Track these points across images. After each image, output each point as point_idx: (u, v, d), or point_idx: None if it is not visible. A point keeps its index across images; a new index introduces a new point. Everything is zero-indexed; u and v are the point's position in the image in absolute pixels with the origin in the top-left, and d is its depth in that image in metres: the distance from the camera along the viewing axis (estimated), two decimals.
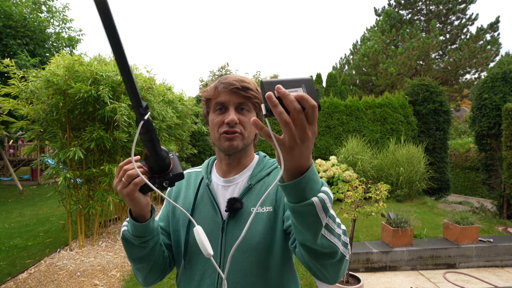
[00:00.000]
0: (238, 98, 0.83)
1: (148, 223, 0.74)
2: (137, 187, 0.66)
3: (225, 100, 0.83)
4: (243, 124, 0.84)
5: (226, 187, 0.89)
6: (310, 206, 0.54)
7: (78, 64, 3.69)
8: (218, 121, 0.84)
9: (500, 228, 4.93)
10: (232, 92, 0.82)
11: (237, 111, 0.83)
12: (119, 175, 0.67)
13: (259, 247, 0.80)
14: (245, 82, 0.83)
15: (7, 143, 11.64)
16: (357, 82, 19.20)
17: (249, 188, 0.86)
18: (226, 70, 16.13)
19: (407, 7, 19.78)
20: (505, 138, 5.38)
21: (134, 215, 0.74)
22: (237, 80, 0.83)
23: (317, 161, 7.31)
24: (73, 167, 4.01)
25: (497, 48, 16.40)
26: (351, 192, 2.94)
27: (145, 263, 0.81)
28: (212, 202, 0.86)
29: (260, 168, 0.91)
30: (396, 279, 3.60)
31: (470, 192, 10.20)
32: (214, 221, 0.84)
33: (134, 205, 0.70)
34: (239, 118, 0.83)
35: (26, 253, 4.09)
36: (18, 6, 8.45)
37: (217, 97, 0.84)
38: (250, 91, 0.83)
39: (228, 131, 0.82)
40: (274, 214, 0.83)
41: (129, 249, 0.78)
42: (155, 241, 0.79)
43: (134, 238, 0.75)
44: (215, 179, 0.92)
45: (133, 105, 0.57)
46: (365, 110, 8.65)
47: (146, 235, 0.75)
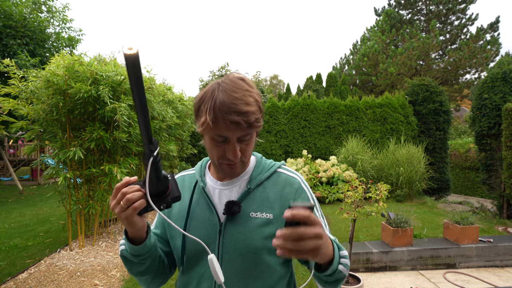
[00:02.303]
0: (241, 132, 0.74)
1: (145, 244, 0.74)
2: (135, 211, 0.65)
3: (227, 135, 0.74)
4: (244, 153, 0.79)
5: (223, 190, 0.86)
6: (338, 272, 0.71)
7: (78, 64, 3.69)
8: (218, 152, 0.78)
9: (500, 228, 4.93)
10: (235, 128, 0.73)
11: (238, 142, 0.77)
12: (117, 197, 0.66)
13: (257, 251, 0.79)
14: (250, 114, 0.72)
15: (7, 143, 11.64)
16: (357, 82, 19.20)
17: (248, 192, 0.84)
18: (226, 70, 16.12)
19: (407, 7, 19.78)
20: (505, 138, 5.38)
21: (131, 236, 0.73)
22: (242, 116, 0.71)
23: (317, 161, 7.32)
24: (73, 167, 4.01)
25: (497, 48, 16.40)
26: (351, 192, 2.94)
27: (147, 276, 0.82)
28: (209, 205, 0.84)
29: (259, 171, 0.89)
30: (396, 279, 3.60)
31: (470, 192, 10.21)
32: (211, 224, 0.82)
33: (131, 228, 0.70)
34: (241, 148, 0.78)
35: (26, 253, 4.09)
36: (18, 6, 8.44)
37: (217, 129, 0.73)
38: (254, 124, 0.74)
39: (230, 163, 0.79)
40: (276, 223, 0.81)
41: (128, 266, 0.79)
42: (154, 256, 0.80)
43: (132, 257, 0.76)
44: (210, 182, 0.89)
45: (144, 141, 0.61)
46: (365, 110, 8.65)
47: (144, 253, 0.76)
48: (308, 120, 8.59)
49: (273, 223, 0.81)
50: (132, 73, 0.52)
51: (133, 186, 0.67)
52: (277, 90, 31.43)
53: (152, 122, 4.53)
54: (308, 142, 8.57)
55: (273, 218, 0.82)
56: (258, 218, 0.81)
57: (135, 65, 0.52)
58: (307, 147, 8.53)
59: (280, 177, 0.88)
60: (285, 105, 8.78)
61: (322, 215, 0.88)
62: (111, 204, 0.67)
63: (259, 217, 0.81)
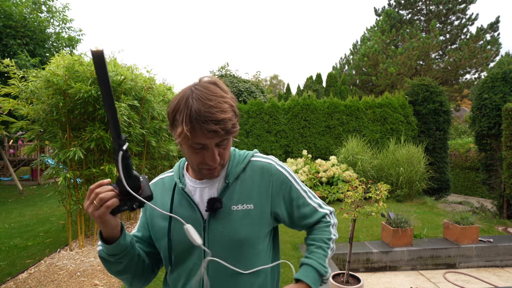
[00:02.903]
0: (218, 139, 0.75)
1: (119, 242, 0.76)
2: (108, 209, 0.68)
3: (205, 143, 0.75)
4: (223, 157, 0.81)
5: (202, 188, 0.88)
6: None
7: (78, 64, 3.69)
8: (197, 158, 0.79)
9: (500, 228, 4.93)
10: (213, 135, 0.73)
11: (216, 147, 0.78)
12: (90, 197, 0.69)
13: (241, 243, 0.83)
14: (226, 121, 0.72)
15: (7, 143, 11.64)
16: (357, 82, 19.20)
17: (227, 187, 0.86)
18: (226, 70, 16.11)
19: (407, 7, 19.78)
20: (505, 138, 5.38)
21: (105, 235, 0.75)
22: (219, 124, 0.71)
23: (317, 161, 7.32)
24: (73, 167, 4.01)
25: (497, 48, 16.39)
26: (351, 192, 2.94)
27: (126, 275, 0.85)
28: (191, 204, 0.86)
29: (234, 164, 0.90)
30: (396, 279, 3.60)
31: (470, 192, 10.21)
32: (195, 222, 0.84)
33: (104, 227, 0.72)
34: (219, 153, 0.79)
35: (26, 253, 4.09)
36: (18, 6, 8.44)
37: (195, 138, 0.73)
38: (231, 129, 0.75)
39: (209, 168, 0.80)
40: (257, 212, 0.85)
41: (107, 265, 0.82)
42: (131, 255, 0.82)
43: (109, 256, 0.78)
44: (189, 182, 0.90)
45: (113, 136, 0.65)
46: (365, 110, 8.65)
47: (120, 253, 0.78)
48: (308, 120, 8.59)
49: (254, 213, 0.85)
50: (98, 67, 0.59)
51: (106, 186, 0.70)
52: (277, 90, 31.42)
53: (152, 122, 4.53)
54: (308, 142, 8.57)
55: (253, 208, 0.85)
56: (239, 210, 0.84)
57: (100, 61, 0.59)
58: (307, 147, 8.53)
59: (255, 165, 0.91)
60: (285, 105, 8.78)
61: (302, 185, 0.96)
62: (85, 204, 0.69)
63: (240, 209, 0.84)
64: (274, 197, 0.88)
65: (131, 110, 3.89)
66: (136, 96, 4.12)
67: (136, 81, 4.08)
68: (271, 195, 0.88)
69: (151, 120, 4.55)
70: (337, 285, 2.86)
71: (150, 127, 4.47)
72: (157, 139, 4.67)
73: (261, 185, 0.87)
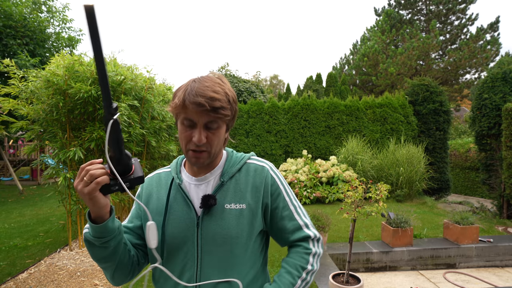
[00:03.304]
0: (207, 117, 0.79)
1: (106, 224, 0.75)
2: (98, 186, 0.68)
3: (193, 118, 0.79)
4: (210, 142, 0.82)
5: (198, 185, 0.90)
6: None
7: (78, 64, 3.69)
8: (186, 137, 0.82)
9: (500, 228, 4.93)
10: (201, 111, 0.78)
11: (205, 128, 0.81)
12: (81, 175, 0.69)
13: (233, 241, 0.84)
14: (215, 100, 0.77)
15: (7, 143, 11.64)
16: (357, 82, 19.20)
17: (221, 185, 0.88)
18: (226, 70, 16.12)
19: (407, 7, 19.78)
20: (505, 138, 5.38)
21: (93, 216, 0.74)
22: (207, 100, 0.76)
23: (317, 161, 7.32)
24: (73, 167, 4.01)
25: (497, 48, 16.39)
26: (351, 192, 2.94)
27: (109, 263, 0.82)
28: (186, 200, 0.88)
29: (230, 164, 0.92)
30: (396, 279, 3.60)
31: (470, 192, 10.21)
32: (189, 218, 0.86)
33: (93, 205, 0.71)
34: (207, 136, 0.81)
35: (26, 253, 4.09)
36: (18, 6, 8.44)
37: (185, 112, 0.79)
38: (220, 111, 0.79)
39: (195, 150, 0.82)
40: (249, 212, 0.87)
41: (91, 249, 0.79)
42: (117, 241, 0.80)
43: (94, 239, 0.76)
44: (186, 178, 0.92)
45: (104, 104, 0.62)
46: (365, 110, 8.65)
47: (107, 235, 0.76)
48: (308, 120, 8.59)
49: (246, 213, 0.86)
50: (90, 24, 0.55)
51: (98, 164, 0.70)
52: (277, 90, 31.42)
53: (152, 122, 4.53)
54: (308, 142, 8.57)
55: (246, 208, 0.87)
56: (232, 209, 0.86)
57: (91, 16, 0.55)
58: (307, 147, 8.53)
59: (250, 167, 0.93)
60: (285, 105, 8.78)
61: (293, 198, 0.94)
62: (75, 183, 0.70)
63: (233, 208, 0.86)
64: (264, 199, 0.90)
65: (131, 110, 3.89)
66: (136, 96, 4.12)
67: (136, 81, 4.08)
68: (262, 197, 0.89)
69: (151, 120, 4.55)
70: (337, 285, 2.86)
71: (150, 127, 4.47)
72: (157, 139, 4.67)
73: (254, 187, 0.89)
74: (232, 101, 0.84)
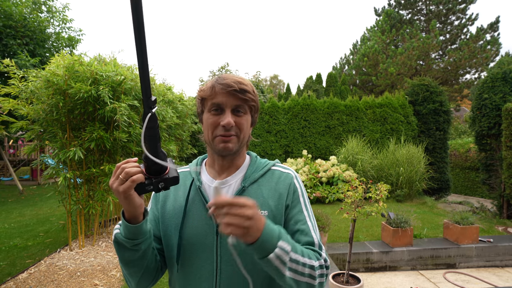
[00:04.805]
0: (235, 100, 0.81)
1: (141, 225, 0.73)
2: (133, 184, 0.66)
3: (222, 102, 0.80)
4: (239, 126, 0.82)
5: None
6: (269, 261, 0.68)
7: (78, 64, 3.69)
8: (213, 122, 0.81)
9: (500, 228, 4.93)
10: (229, 94, 0.80)
11: (233, 113, 0.81)
12: (116, 173, 0.67)
13: None
14: (243, 84, 0.81)
15: (7, 143, 11.64)
16: (357, 82, 19.19)
17: (242, 190, 0.85)
18: (226, 70, 16.12)
19: (407, 7, 19.77)
20: (505, 138, 5.38)
21: (127, 216, 0.72)
22: (235, 82, 0.80)
23: (317, 161, 7.32)
24: (73, 167, 4.01)
25: (497, 48, 16.39)
26: (351, 192, 2.94)
27: (137, 267, 0.79)
28: (205, 205, 0.84)
29: (253, 169, 0.90)
30: (396, 279, 3.60)
31: (470, 192, 10.21)
32: (207, 224, 0.82)
33: (128, 204, 0.69)
34: (235, 120, 0.81)
35: (26, 253, 4.09)
36: (18, 6, 8.44)
37: (214, 97, 0.81)
38: (247, 94, 0.81)
39: (224, 134, 0.81)
40: (272, 219, 0.82)
41: (121, 252, 0.76)
42: (148, 244, 0.78)
43: (126, 240, 0.74)
44: (206, 180, 0.89)
45: (143, 96, 0.59)
46: (365, 110, 8.65)
47: (139, 237, 0.74)
48: (308, 120, 8.59)
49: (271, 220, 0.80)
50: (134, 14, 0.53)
51: (133, 163, 0.68)
52: (277, 90, 31.42)
53: None
54: (308, 142, 8.56)
55: (268, 215, 0.83)
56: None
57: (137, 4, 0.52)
58: (307, 147, 8.53)
59: (274, 174, 0.90)
60: (285, 105, 8.78)
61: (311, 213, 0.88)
62: (111, 181, 0.68)
63: None
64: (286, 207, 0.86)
65: (131, 110, 3.89)
66: (136, 96, 4.12)
67: (136, 81, 4.07)
68: (285, 205, 0.85)
69: None
70: (337, 285, 2.86)
71: None
72: None
73: (277, 193, 0.86)
74: (255, 93, 0.86)
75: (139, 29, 0.54)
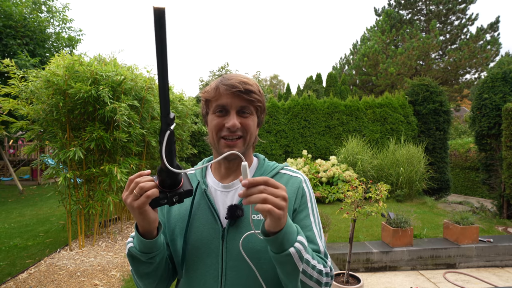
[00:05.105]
0: (240, 101, 0.78)
1: (156, 240, 0.72)
2: (148, 199, 0.64)
3: (227, 103, 0.78)
4: (245, 127, 0.80)
5: (225, 193, 0.85)
6: (289, 256, 0.64)
7: (78, 64, 3.69)
8: (218, 124, 0.79)
9: (500, 228, 4.93)
10: (234, 95, 0.77)
11: (238, 114, 0.79)
12: (130, 187, 0.65)
13: (260, 256, 0.77)
14: (248, 84, 0.78)
15: (7, 143, 11.64)
16: (357, 82, 19.19)
17: None
18: (226, 70, 16.11)
19: (407, 7, 19.77)
20: (505, 138, 5.38)
21: (142, 230, 0.70)
22: (240, 82, 0.77)
23: (317, 161, 7.31)
24: (73, 167, 4.01)
25: (497, 48, 16.39)
26: (351, 192, 2.94)
27: (152, 279, 0.78)
28: (210, 209, 0.82)
29: (261, 172, 0.87)
30: (396, 279, 3.60)
31: (470, 192, 10.21)
32: (213, 229, 0.80)
33: (143, 219, 0.67)
34: (241, 121, 0.79)
35: (26, 253, 4.09)
36: (18, 6, 8.44)
37: (218, 99, 0.79)
38: (253, 95, 0.79)
39: (229, 136, 0.78)
40: None
41: (135, 265, 0.75)
42: (162, 256, 0.76)
43: (141, 254, 0.72)
44: (211, 184, 0.87)
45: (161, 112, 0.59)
46: (365, 110, 8.65)
47: (154, 250, 0.73)
48: (308, 120, 8.59)
49: None
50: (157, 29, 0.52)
51: (146, 176, 0.66)
52: (277, 90, 31.41)
53: (152, 122, 4.53)
54: (308, 142, 8.56)
55: None
56: (260, 220, 0.79)
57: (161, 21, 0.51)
58: (307, 147, 8.53)
59: (283, 178, 0.87)
60: (285, 105, 8.78)
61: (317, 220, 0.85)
62: (124, 195, 0.66)
63: (261, 219, 0.79)
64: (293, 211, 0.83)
65: (131, 110, 3.89)
66: (136, 96, 4.12)
67: (136, 81, 4.08)
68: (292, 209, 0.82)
69: (151, 120, 4.55)
70: (337, 285, 2.86)
71: (150, 127, 4.47)
72: (157, 139, 4.67)
73: None
74: (261, 93, 0.83)
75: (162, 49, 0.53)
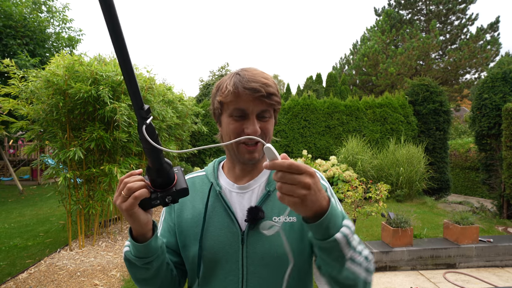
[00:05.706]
0: (261, 105, 0.73)
1: (149, 243, 0.68)
2: (136, 201, 0.60)
3: (247, 108, 0.72)
4: (265, 131, 0.75)
5: (241, 194, 0.81)
6: (335, 242, 0.57)
7: (78, 64, 3.69)
8: (236, 129, 0.74)
9: (500, 228, 4.93)
10: (255, 99, 0.72)
11: (257, 118, 0.74)
12: (119, 188, 0.62)
13: (283, 260, 0.73)
14: (269, 86, 0.73)
15: (7, 143, 11.64)
16: (357, 82, 19.20)
17: (267, 195, 0.78)
18: (226, 70, 16.12)
19: (407, 7, 19.78)
20: (505, 138, 5.38)
21: (135, 233, 0.68)
22: (262, 86, 0.71)
23: (317, 161, 7.31)
24: (73, 167, 4.01)
25: (497, 48, 16.40)
26: (351, 192, 2.94)
27: (152, 286, 0.75)
28: (227, 211, 0.78)
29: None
30: (396, 279, 3.60)
31: (470, 192, 10.20)
32: (231, 232, 0.76)
33: (133, 222, 0.64)
34: (261, 126, 0.74)
35: (26, 253, 4.09)
36: (18, 6, 8.44)
37: (237, 102, 0.72)
38: (273, 97, 0.74)
39: (248, 141, 0.74)
40: (300, 226, 0.76)
41: (132, 270, 0.72)
42: (160, 261, 0.73)
43: (136, 259, 0.69)
44: (225, 185, 0.83)
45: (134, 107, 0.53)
46: (365, 110, 8.65)
47: (149, 255, 0.69)
48: (308, 120, 8.59)
49: (297, 227, 0.76)
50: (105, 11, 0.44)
51: (136, 176, 0.62)
52: None
53: (153, 122, 4.53)
54: (308, 142, 8.57)
55: (296, 221, 0.76)
56: (281, 222, 0.75)
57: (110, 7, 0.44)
58: (307, 147, 8.53)
59: None
60: (285, 105, 8.78)
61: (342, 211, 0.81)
62: (115, 196, 0.63)
63: (282, 221, 0.75)
64: None
65: (131, 110, 3.89)
66: None
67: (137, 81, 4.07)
68: None
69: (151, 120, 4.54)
70: None
71: None
72: None
73: None
74: (279, 92, 0.78)
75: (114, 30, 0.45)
